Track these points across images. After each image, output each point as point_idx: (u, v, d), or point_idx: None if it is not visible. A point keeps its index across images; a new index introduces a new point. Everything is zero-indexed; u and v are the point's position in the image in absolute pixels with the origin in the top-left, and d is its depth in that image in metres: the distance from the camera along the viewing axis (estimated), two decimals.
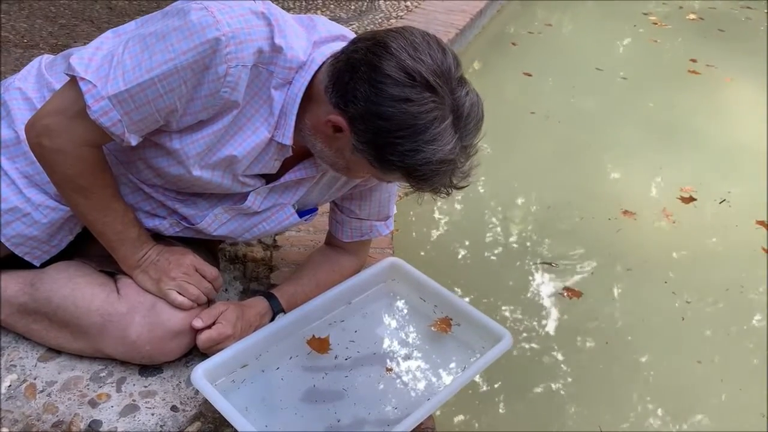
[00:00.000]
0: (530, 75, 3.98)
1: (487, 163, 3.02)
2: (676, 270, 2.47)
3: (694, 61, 4.40)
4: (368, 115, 1.17)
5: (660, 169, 3.14)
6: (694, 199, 2.86)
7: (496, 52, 4.40)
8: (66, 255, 1.49)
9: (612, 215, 2.71)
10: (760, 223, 2.74)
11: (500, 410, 1.88)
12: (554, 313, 2.23)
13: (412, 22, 3.94)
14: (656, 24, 5.16)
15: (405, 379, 1.50)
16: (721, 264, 2.55)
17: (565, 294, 2.29)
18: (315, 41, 1.31)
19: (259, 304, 1.53)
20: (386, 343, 1.59)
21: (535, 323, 2.18)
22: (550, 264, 2.43)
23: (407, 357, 1.56)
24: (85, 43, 2.91)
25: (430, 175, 1.20)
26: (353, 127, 1.20)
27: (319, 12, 3.97)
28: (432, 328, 1.61)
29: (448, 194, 1.27)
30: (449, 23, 3.99)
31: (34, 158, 1.32)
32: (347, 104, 1.19)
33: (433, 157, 1.17)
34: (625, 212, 2.73)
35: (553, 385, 1.97)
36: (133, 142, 1.26)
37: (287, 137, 1.30)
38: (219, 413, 1.30)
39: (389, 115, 1.15)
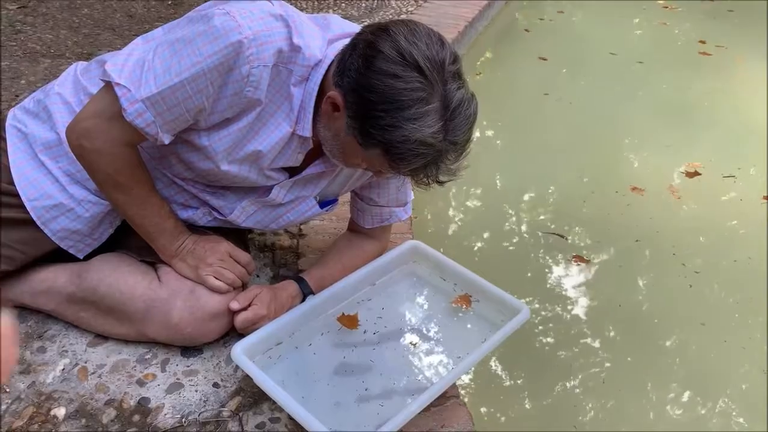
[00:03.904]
0: (545, 59, 4.04)
1: (501, 142, 3.12)
2: (685, 241, 2.53)
3: (703, 42, 4.43)
4: (357, 87, 1.22)
5: (669, 147, 3.20)
6: (699, 174, 2.92)
7: (510, 39, 4.47)
8: (106, 249, 1.59)
9: (621, 191, 2.78)
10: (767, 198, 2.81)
11: (517, 381, 1.96)
12: (567, 282, 2.32)
13: (423, 17, 4.02)
14: (666, 8, 5.20)
15: (429, 350, 1.58)
16: (728, 236, 2.62)
17: (576, 263, 2.37)
18: (329, 39, 1.37)
19: (290, 286, 1.62)
20: (411, 318, 1.68)
21: (547, 291, 2.27)
22: (561, 236, 2.51)
23: (431, 331, 1.64)
24: (108, 50, 3.05)
25: (407, 154, 1.21)
26: (345, 102, 1.25)
27: (331, 10, 4.06)
28: (453, 304, 1.70)
29: (427, 184, 1.30)
30: (459, 16, 4.06)
31: (75, 158, 1.41)
32: (342, 79, 1.25)
33: (411, 136, 1.19)
34: (634, 188, 2.79)
35: (566, 349, 2.06)
36: (166, 141, 1.35)
37: (307, 129, 1.38)
38: (258, 388, 1.40)
39: (374, 88, 1.19)
